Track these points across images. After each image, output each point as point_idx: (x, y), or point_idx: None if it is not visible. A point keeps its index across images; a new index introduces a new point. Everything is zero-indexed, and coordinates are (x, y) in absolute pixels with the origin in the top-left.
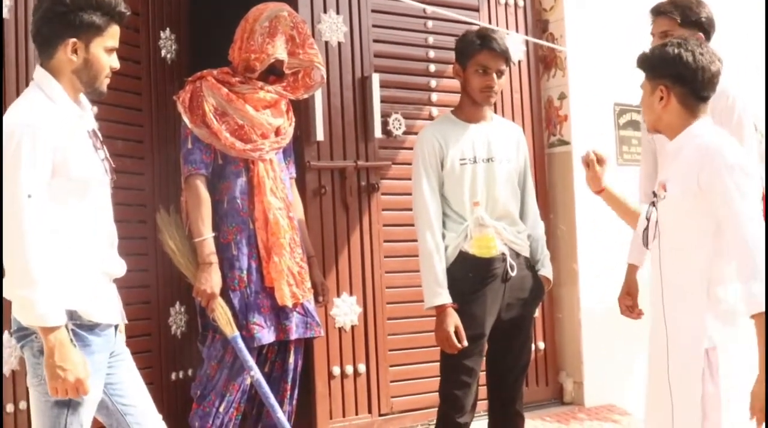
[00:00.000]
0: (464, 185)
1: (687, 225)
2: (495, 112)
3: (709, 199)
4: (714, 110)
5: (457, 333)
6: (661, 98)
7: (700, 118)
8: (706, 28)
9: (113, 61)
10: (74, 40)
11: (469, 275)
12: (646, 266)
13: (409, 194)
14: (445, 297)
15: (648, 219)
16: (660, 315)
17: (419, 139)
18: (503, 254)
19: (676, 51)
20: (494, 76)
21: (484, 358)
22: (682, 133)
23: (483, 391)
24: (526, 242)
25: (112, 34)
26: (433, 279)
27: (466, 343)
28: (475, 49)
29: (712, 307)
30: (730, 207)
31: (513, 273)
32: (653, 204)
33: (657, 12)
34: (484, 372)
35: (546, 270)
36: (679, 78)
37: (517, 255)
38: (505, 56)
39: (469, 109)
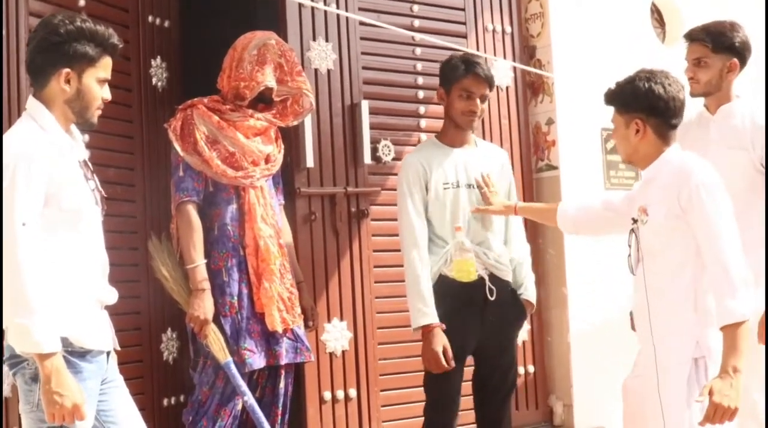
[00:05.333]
0: (447, 209)
1: (673, 245)
2: (483, 137)
3: (689, 217)
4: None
5: (445, 353)
6: (637, 131)
7: (671, 145)
8: (740, 52)
9: (105, 93)
10: (67, 70)
11: (448, 299)
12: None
13: None
14: (432, 317)
15: (630, 246)
16: (648, 337)
17: (404, 164)
18: (483, 278)
19: (647, 85)
20: (478, 100)
21: (471, 382)
22: (656, 160)
23: (470, 416)
24: (508, 266)
25: (105, 66)
26: (420, 298)
27: (453, 364)
28: (460, 74)
29: (701, 319)
30: (708, 224)
31: (492, 298)
32: (632, 231)
33: (690, 38)
34: (471, 396)
35: (528, 294)
36: (653, 110)
37: (498, 279)
38: (489, 81)
39: (452, 133)
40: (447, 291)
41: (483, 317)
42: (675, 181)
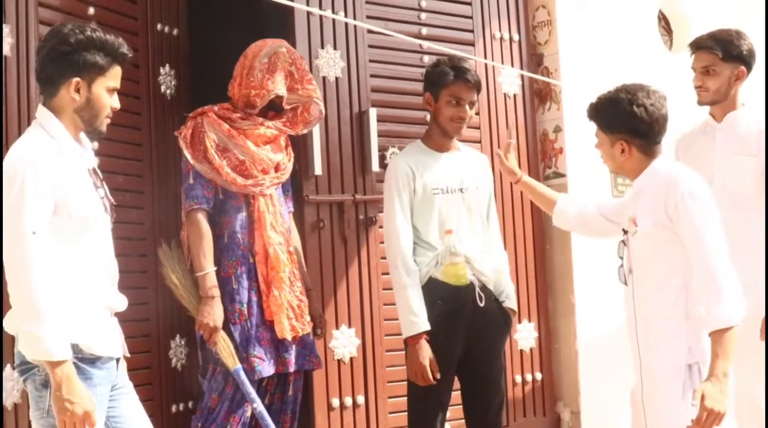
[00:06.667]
0: (435, 215)
1: (660, 254)
2: (491, 145)
3: (676, 226)
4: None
5: (431, 365)
6: (623, 151)
7: (657, 158)
8: (747, 60)
9: (114, 102)
10: (77, 79)
11: (439, 302)
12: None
13: None
14: (423, 325)
15: (621, 257)
16: (635, 347)
17: (391, 168)
18: (472, 284)
19: (628, 108)
20: (467, 107)
21: (461, 395)
22: (644, 172)
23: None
24: (492, 274)
25: (114, 75)
26: (408, 310)
27: (438, 376)
28: (449, 80)
29: (693, 325)
30: (695, 232)
31: (482, 304)
32: (623, 242)
33: (697, 47)
34: (461, 406)
35: (511, 302)
36: (637, 132)
37: (484, 286)
38: (477, 87)
39: (439, 138)
40: (437, 294)
41: (473, 323)
42: (661, 191)
